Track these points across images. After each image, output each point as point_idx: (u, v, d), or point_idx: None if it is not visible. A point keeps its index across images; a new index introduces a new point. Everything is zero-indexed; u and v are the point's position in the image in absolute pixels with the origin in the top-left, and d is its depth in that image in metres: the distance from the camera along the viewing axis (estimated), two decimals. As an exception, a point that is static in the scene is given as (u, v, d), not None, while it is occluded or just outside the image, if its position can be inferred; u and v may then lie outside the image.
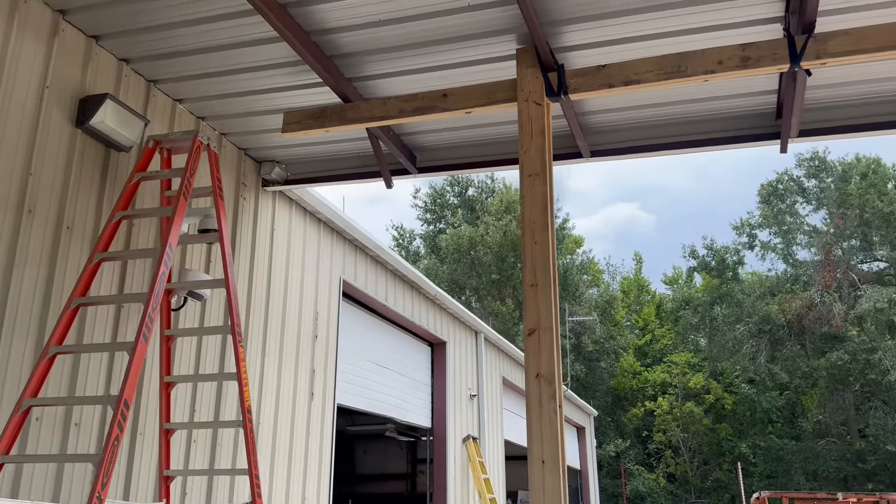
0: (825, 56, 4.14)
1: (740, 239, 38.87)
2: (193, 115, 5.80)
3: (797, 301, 33.75)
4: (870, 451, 31.46)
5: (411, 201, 40.36)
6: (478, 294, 33.64)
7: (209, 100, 5.60)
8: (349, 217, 8.21)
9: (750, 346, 34.07)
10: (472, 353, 13.22)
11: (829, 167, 35.96)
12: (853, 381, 32.07)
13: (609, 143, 5.81)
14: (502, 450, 14.40)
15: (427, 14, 4.47)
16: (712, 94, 5.32)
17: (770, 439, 33.28)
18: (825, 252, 35.09)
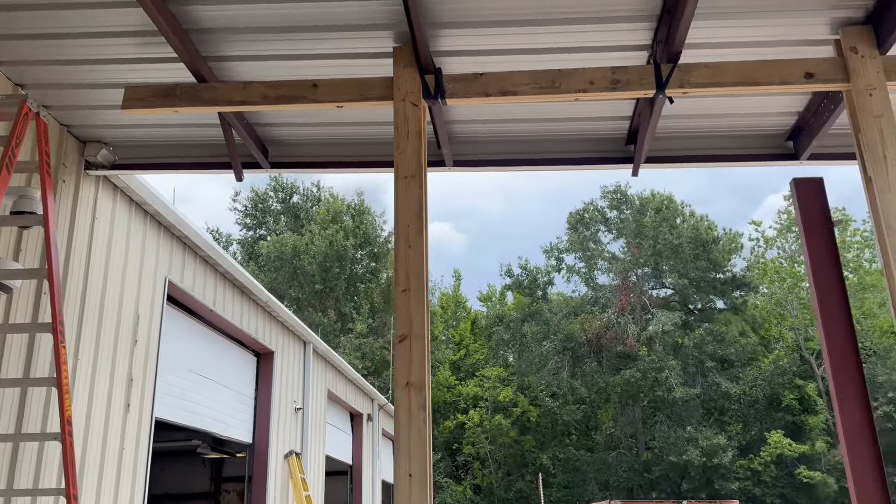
0: (687, 86, 4.40)
1: (550, 261, 41.44)
2: (11, 81, 4.99)
3: (597, 321, 36.44)
4: (654, 462, 34.54)
5: (229, 204, 38.49)
6: (298, 304, 32.72)
7: (32, 65, 4.86)
8: (180, 211, 7.53)
9: (555, 362, 36.21)
10: (300, 365, 12.71)
11: (629, 200, 39.40)
12: (643, 396, 35.12)
13: (473, 153, 5.81)
14: (323, 466, 13.95)
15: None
16: (571, 116, 5.49)
17: (568, 451, 35.48)
18: (622, 277, 38.30)
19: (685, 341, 35.81)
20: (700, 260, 37.76)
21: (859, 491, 4.49)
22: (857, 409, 4.91)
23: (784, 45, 4.53)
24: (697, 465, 32.42)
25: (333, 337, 31.10)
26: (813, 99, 5.16)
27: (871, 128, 4.12)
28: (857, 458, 4.74)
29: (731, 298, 40.09)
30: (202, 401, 8.83)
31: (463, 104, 4.68)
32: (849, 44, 4.30)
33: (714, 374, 35.30)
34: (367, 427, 18.65)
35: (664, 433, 34.13)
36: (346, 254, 32.04)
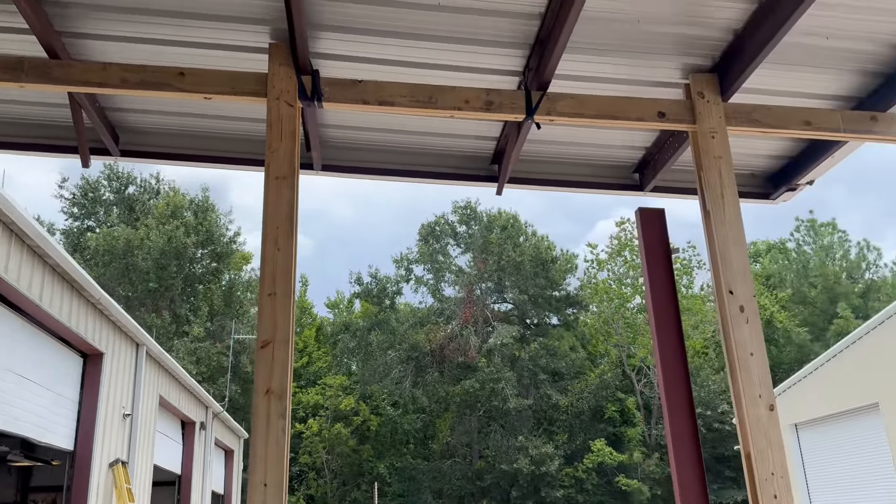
0: (554, 114, 4.64)
1: (399, 271, 41.77)
2: None
3: (441, 332, 37.17)
4: (487, 470, 35.66)
5: (54, 190, 35.34)
6: (128, 303, 30.59)
7: None
8: (9, 195, 6.83)
9: (398, 371, 36.45)
10: (131, 368, 11.89)
11: (478, 216, 40.66)
12: (480, 406, 36.19)
13: (344, 159, 5.75)
14: (151, 475, 13.12)
15: (176, -21, 3.97)
16: (443, 131, 5.60)
17: (405, 460, 35.79)
18: (467, 291, 39.39)
19: (521, 354, 37.39)
20: (539, 277, 39.67)
21: (684, 496, 4.89)
22: (684, 420, 5.35)
23: (642, 84, 4.89)
24: (526, 474, 33.86)
25: (167, 340, 29.37)
26: (660, 136, 5.61)
27: (712, 167, 4.55)
28: (683, 465, 5.17)
29: (565, 315, 42.44)
30: (17, 402, 8.02)
31: (339, 109, 4.63)
32: (697, 89, 4.73)
33: (546, 386, 37.13)
34: (199, 436, 17.77)
35: (497, 442, 35.37)
36: (185, 252, 30.41)
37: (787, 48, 4.51)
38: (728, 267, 4.36)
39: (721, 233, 4.44)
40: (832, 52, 4.62)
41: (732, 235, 4.43)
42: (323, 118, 5.39)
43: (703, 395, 37.57)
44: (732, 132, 4.77)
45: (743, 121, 4.76)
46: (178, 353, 28.42)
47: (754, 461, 4.01)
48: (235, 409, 33.48)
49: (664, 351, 5.29)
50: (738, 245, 4.42)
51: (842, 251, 50.79)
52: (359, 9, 4.26)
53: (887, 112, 4.87)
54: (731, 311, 4.28)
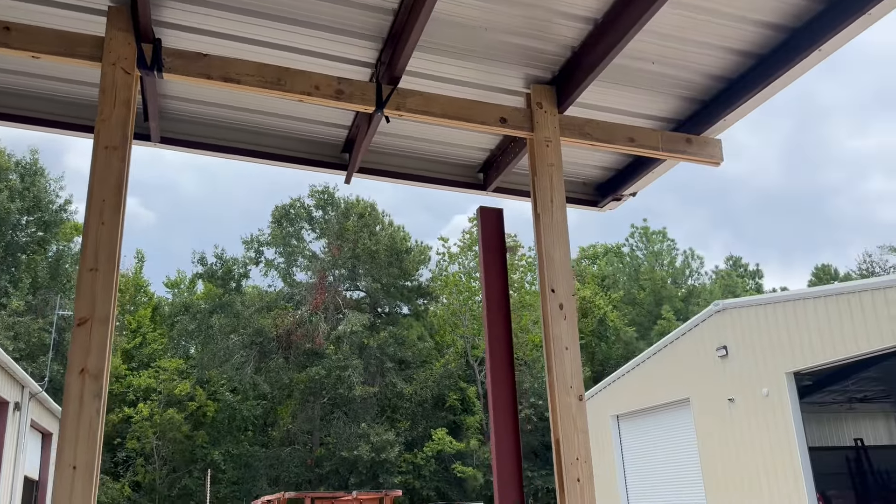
0: (403, 109, 4.76)
1: (248, 253, 40.46)
2: None
3: (289, 318, 36.50)
4: (327, 457, 35.52)
5: None
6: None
7: None
8: None
9: (240, 356, 35.39)
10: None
11: (335, 202, 40.25)
12: (324, 393, 35.95)
13: (185, 133, 5.55)
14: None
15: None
16: (294, 115, 5.55)
17: (242, 446, 34.86)
18: (320, 277, 38.91)
19: (370, 342, 37.53)
20: (393, 267, 39.96)
21: (501, 479, 5.19)
22: (506, 409, 5.68)
23: (487, 89, 5.12)
24: (366, 460, 34.10)
25: None
26: (503, 140, 5.89)
27: (544, 174, 4.86)
28: (502, 452, 5.50)
29: (415, 305, 43.07)
30: None
31: (181, 81, 4.48)
32: (536, 99, 5.02)
33: (392, 374, 37.53)
34: (12, 417, 16.38)
35: (340, 429, 35.33)
36: (7, 218, 27.77)
37: (618, 69, 4.90)
38: (552, 267, 4.68)
39: (548, 235, 4.75)
40: (657, 77, 5.07)
41: (557, 238, 4.76)
42: (165, 89, 5.18)
43: (538, 385, 39.56)
44: (566, 142, 5.12)
45: (575, 133, 5.12)
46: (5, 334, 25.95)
47: (562, 446, 4.35)
48: (58, 389, 31.10)
49: (493, 343, 5.59)
50: (561, 247, 4.75)
51: (669, 258, 55.30)
52: (208, -20, 4.15)
53: (701, 135, 5.42)
54: (551, 307, 4.61)
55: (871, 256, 53.85)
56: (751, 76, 4.93)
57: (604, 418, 26.73)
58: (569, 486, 4.27)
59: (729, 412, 20.71)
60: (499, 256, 5.79)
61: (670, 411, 23.78)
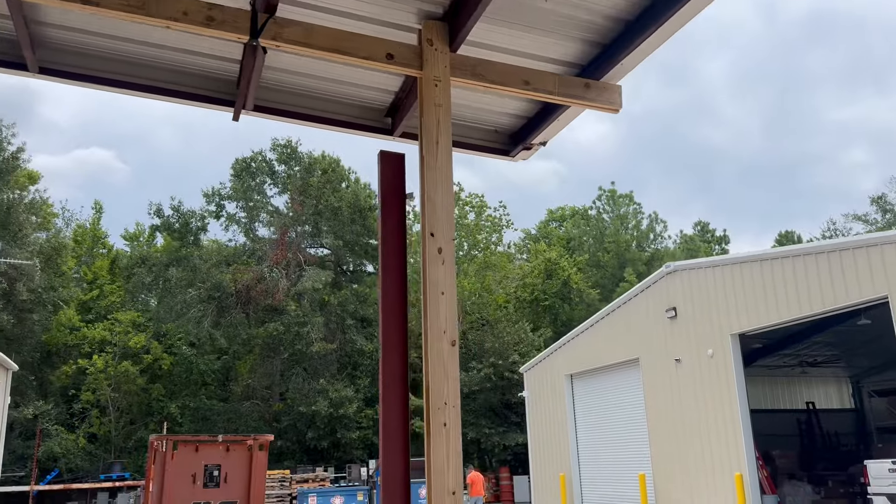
0: (280, 40, 4.52)
1: (209, 207, 39.81)
2: None
3: (249, 273, 36.17)
4: (285, 412, 35.62)
5: None
6: None
7: None
8: None
9: (198, 310, 35.07)
10: None
11: (298, 157, 39.63)
12: (283, 349, 35.88)
13: (63, 63, 5.25)
14: None
15: None
16: (178, 46, 5.28)
17: (200, 400, 34.79)
18: (282, 232, 38.49)
19: (331, 299, 37.40)
20: (356, 224, 39.65)
21: (386, 433, 5.12)
22: (395, 359, 5.59)
23: (377, 23, 4.88)
24: (324, 416, 34.25)
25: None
26: (406, 81, 5.68)
27: (431, 114, 4.68)
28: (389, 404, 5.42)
29: (377, 263, 42.93)
30: None
31: (46, 5, 4.18)
32: (427, 35, 4.81)
33: (353, 331, 37.52)
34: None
35: (298, 385, 35.37)
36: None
37: (512, 6, 4.70)
38: (433, 210, 4.54)
39: (430, 177, 4.60)
40: (554, 17, 4.88)
41: (441, 181, 4.61)
42: (37, 14, 4.87)
43: (499, 346, 39.89)
44: (456, 83, 4.93)
45: (468, 73, 4.93)
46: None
47: (431, 391, 4.27)
48: (10, 340, 30.65)
49: (387, 292, 5.46)
50: (445, 191, 4.60)
51: (635, 221, 55.64)
52: None
53: (600, 81, 5.27)
54: (430, 251, 4.48)
55: (835, 224, 54.73)
56: (647, 17, 4.77)
57: (559, 377, 27.05)
58: (435, 430, 4.20)
59: (676, 372, 21.05)
60: (397, 203, 5.64)
61: (621, 371, 24.13)
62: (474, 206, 46.73)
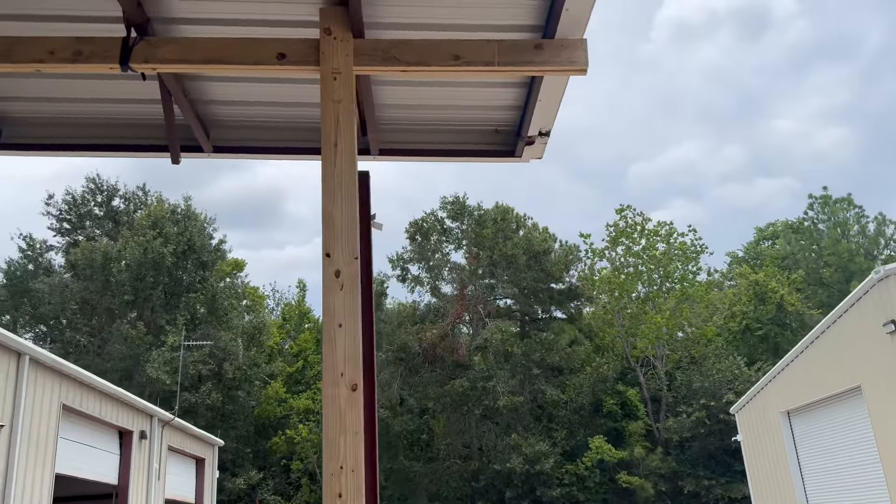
0: (154, 61, 4.04)
1: (394, 272, 41.13)
2: None
3: (432, 331, 36.50)
4: (482, 470, 34.90)
5: (41, 208, 35.62)
6: (110, 315, 30.64)
7: None
8: None
9: (388, 373, 35.89)
10: (9, 378, 11.55)
11: (469, 210, 39.90)
12: (472, 405, 35.43)
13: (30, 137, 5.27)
14: (50, 487, 12.79)
15: None
16: (105, 97, 5.04)
17: (400, 462, 35.19)
18: (461, 287, 38.63)
19: (516, 350, 36.51)
20: (533, 270, 38.69)
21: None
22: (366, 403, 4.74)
23: (273, 25, 4.28)
24: (520, 473, 32.99)
25: (144, 350, 29.29)
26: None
27: (329, 113, 3.92)
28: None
29: (564, 308, 41.42)
30: None
31: None
32: (325, 25, 4.08)
33: (541, 381, 36.18)
34: (139, 446, 17.46)
35: (492, 442, 34.57)
36: (162, 261, 30.34)
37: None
38: (330, 226, 3.72)
39: (328, 187, 3.79)
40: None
41: (339, 191, 3.79)
42: None
43: (709, 385, 36.22)
44: (364, 71, 4.13)
45: (378, 59, 4.09)
46: (155, 362, 28.33)
47: (325, 451, 3.35)
48: (224, 417, 33.31)
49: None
50: (346, 203, 3.77)
51: (858, 227, 48.67)
52: None
53: (556, 38, 4.15)
54: (326, 275, 3.64)
55: None
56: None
57: (773, 416, 23.61)
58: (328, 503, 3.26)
59: (908, 399, 17.32)
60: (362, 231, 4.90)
61: (840, 402, 20.46)
62: (662, 235, 43.78)
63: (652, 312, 39.90)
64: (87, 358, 31.24)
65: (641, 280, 42.62)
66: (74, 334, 32.55)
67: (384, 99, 5.19)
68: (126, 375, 29.58)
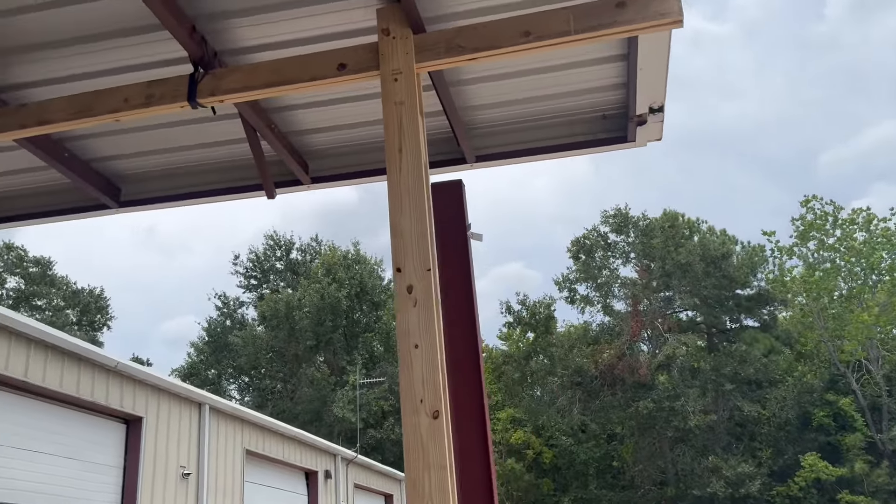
0: (220, 92, 3.95)
1: (562, 293, 40.11)
2: None
3: (608, 351, 35.02)
4: (680, 496, 32.60)
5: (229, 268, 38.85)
6: (298, 360, 32.51)
7: None
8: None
9: (565, 398, 34.81)
10: (192, 427, 12.32)
11: (634, 221, 38.16)
12: (660, 427, 33.36)
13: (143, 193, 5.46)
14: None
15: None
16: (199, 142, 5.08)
17: (590, 491, 33.80)
18: (634, 303, 36.86)
19: (703, 365, 34.04)
20: (712, 277, 36.11)
21: None
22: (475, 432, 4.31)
23: (331, 38, 4.07)
24: (723, 498, 30.40)
25: (330, 391, 30.65)
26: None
27: (392, 117, 3.58)
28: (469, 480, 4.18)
29: (755, 315, 38.18)
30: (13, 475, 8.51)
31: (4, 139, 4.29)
32: (382, 25, 3.78)
33: (736, 396, 33.36)
34: (324, 485, 18.04)
35: (687, 465, 32.25)
36: (338, 305, 31.79)
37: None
38: (399, 238, 3.36)
39: (395, 196, 3.44)
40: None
41: (409, 201, 3.42)
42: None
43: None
44: (427, 68, 3.76)
45: (442, 51, 3.72)
46: (339, 402, 29.50)
47: (409, 488, 2.95)
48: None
49: (454, 350, 4.32)
50: (414, 212, 3.39)
51: None
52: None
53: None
54: (399, 291, 3.28)
55: None
56: None
57: None
58: (414, 552, 2.84)
59: None
60: (460, 246, 4.56)
61: None
62: (859, 223, 39.18)
63: (859, 310, 35.64)
64: (282, 403, 33.33)
65: (841, 275, 38.34)
66: (270, 381, 34.89)
67: (471, 100, 4.81)
68: (316, 417, 31.14)
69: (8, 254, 35.09)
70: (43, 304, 35.38)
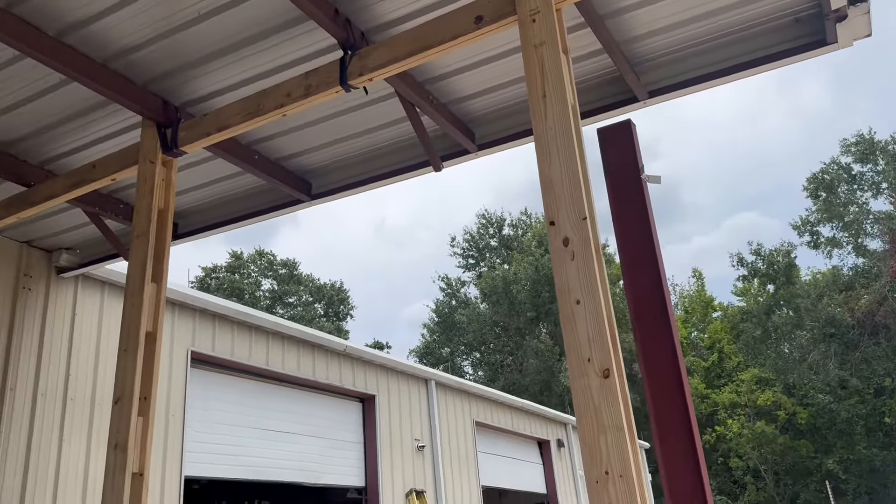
0: (367, 71, 4.00)
1: (802, 238, 36.29)
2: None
3: (866, 297, 31.09)
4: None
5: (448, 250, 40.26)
6: (520, 333, 32.95)
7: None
8: (188, 289, 8.36)
9: (818, 352, 31.51)
10: (421, 403, 12.94)
11: (880, 147, 33.39)
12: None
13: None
14: (479, 497, 13.89)
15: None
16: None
17: (859, 452, 30.35)
18: (892, 239, 32.32)
19: None
20: None
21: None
22: (674, 402, 3.96)
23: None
24: None
25: (555, 361, 30.65)
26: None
27: (532, 62, 3.34)
28: (672, 459, 3.88)
29: None
30: (272, 454, 9.48)
31: (193, 150, 4.67)
32: (517, -35, 3.55)
33: None
34: (558, 454, 18.11)
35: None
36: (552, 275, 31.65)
37: None
38: (550, 191, 3.13)
39: (542, 146, 3.21)
40: None
41: (556, 148, 3.17)
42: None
43: None
44: (569, 1, 3.45)
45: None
46: (566, 371, 29.38)
47: (586, 454, 2.74)
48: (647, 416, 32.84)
49: (637, 294, 4.07)
50: (565, 160, 3.14)
51: None
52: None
53: None
54: (554, 246, 3.05)
55: None
56: None
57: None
58: (596, 517, 2.63)
59: None
60: (631, 186, 4.22)
61: None
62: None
63: None
64: (512, 376, 34.05)
65: None
66: (498, 356, 35.80)
67: (631, 30, 4.38)
68: (545, 387, 31.39)
69: (260, 259, 39.48)
70: (294, 301, 39.39)
